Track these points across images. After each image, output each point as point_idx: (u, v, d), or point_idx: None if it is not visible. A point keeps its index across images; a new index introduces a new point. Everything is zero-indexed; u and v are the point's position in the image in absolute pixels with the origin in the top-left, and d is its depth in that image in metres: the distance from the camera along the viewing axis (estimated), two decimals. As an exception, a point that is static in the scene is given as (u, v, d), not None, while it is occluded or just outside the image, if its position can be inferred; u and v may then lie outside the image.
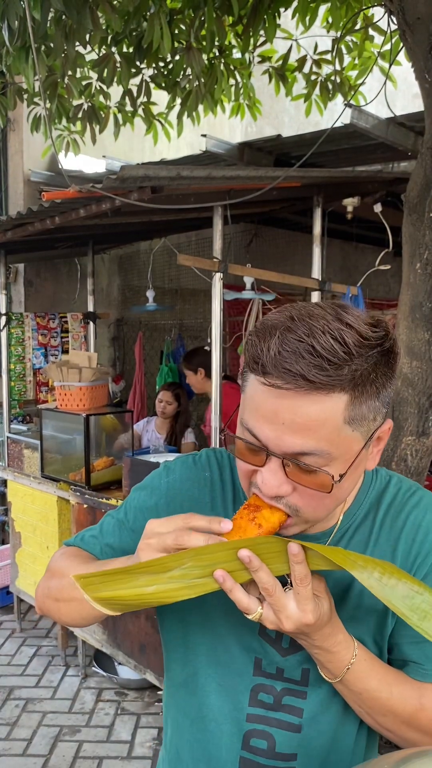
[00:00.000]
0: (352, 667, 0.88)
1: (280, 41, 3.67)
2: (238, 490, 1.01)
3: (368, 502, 0.97)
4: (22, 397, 5.07)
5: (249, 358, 0.80)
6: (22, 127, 5.38)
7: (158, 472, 1.08)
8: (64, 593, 1.00)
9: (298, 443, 0.78)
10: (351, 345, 0.75)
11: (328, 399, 0.76)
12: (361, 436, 0.81)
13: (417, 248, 2.51)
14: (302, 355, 0.74)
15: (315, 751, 0.97)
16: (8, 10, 2.74)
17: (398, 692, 0.90)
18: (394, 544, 0.94)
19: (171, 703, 1.09)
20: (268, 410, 0.78)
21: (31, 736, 3.21)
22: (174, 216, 3.52)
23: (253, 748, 0.97)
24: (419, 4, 1.95)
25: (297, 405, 0.76)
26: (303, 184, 3.10)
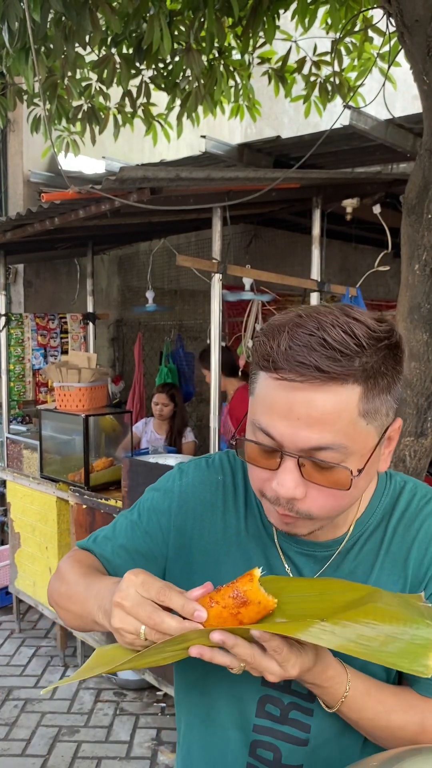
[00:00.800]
0: (346, 699, 0.87)
1: (279, 43, 3.67)
2: (250, 494, 1.00)
3: (382, 509, 0.95)
4: (22, 397, 5.08)
5: (259, 357, 0.80)
6: (21, 128, 5.38)
7: (172, 474, 1.07)
8: (62, 602, 1.01)
9: (314, 438, 0.76)
10: (361, 337, 0.75)
11: (342, 390, 0.75)
12: (375, 431, 0.80)
13: (415, 249, 2.51)
14: (314, 347, 0.74)
15: (321, 761, 0.97)
16: (8, 11, 2.75)
17: (397, 718, 0.89)
18: (407, 553, 0.92)
19: (183, 702, 1.09)
20: (282, 406, 0.77)
21: (30, 737, 3.21)
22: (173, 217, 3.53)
23: (259, 757, 0.97)
24: (418, 7, 1.96)
25: (312, 398, 0.75)
26: (302, 186, 3.10)
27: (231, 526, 0.99)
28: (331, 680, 0.85)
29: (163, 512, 1.02)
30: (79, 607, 0.94)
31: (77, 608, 0.95)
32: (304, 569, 0.94)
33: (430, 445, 2.76)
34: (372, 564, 0.93)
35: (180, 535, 1.01)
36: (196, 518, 1.01)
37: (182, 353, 5.73)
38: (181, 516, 1.01)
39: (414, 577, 0.91)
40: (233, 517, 0.99)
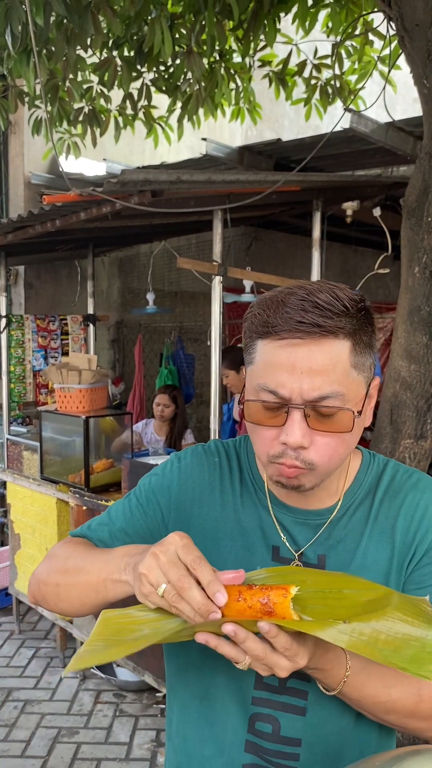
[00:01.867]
0: (348, 678, 0.89)
1: (280, 46, 3.69)
2: (245, 474, 1.07)
3: (368, 482, 1.02)
4: (22, 399, 5.09)
5: (257, 327, 0.89)
6: (23, 130, 5.39)
7: (170, 460, 1.13)
8: (55, 578, 1.01)
9: (317, 387, 0.85)
10: (344, 300, 0.86)
11: (336, 344, 0.86)
12: (364, 382, 0.91)
13: (415, 252, 2.52)
14: (308, 309, 0.85)
15: (320, 738, 0.99)
16: (10, 13, 2.76)
17: (396, 692, 0.92)
18: (393, 521, 0.99)
19: (178, 686, 1.09)
20: (286, 363, 0.86)
21: (30, 738, 3.21)
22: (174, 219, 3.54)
23: (258, 731, 0.99)
24: (418, 11, 1.97)
25: (312, 352, 0.85)
26: (302, 188, 3.11)
27: (228, 502, 1.05)
28: (332, 662, 0.88)
29: (163, 493, 1.07)
30: (84, 577, 0.95)
31: (81, 578, 0.96)
32: (298, 536, 1.00)
33: (430, 448, 2.77)
34: (361, 532, 0.99)
35: (179, 514, 1.05)
36: (194, 497, 1.06)
37: (182, 355, 5.74)
38: (181, 495, 1.06)
39: (401, 542, 0.98)
40: (230, 495, 1.05)
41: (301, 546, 1.00)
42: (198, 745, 1.05)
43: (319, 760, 0.99)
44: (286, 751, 0.98)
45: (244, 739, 1.00)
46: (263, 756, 0.99)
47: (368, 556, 0.98)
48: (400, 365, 2.67)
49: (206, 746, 1.04)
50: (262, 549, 1.01)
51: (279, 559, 1.00)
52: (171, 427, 4.54)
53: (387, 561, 0.98)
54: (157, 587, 0.81)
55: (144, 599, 0.84)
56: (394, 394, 2.72)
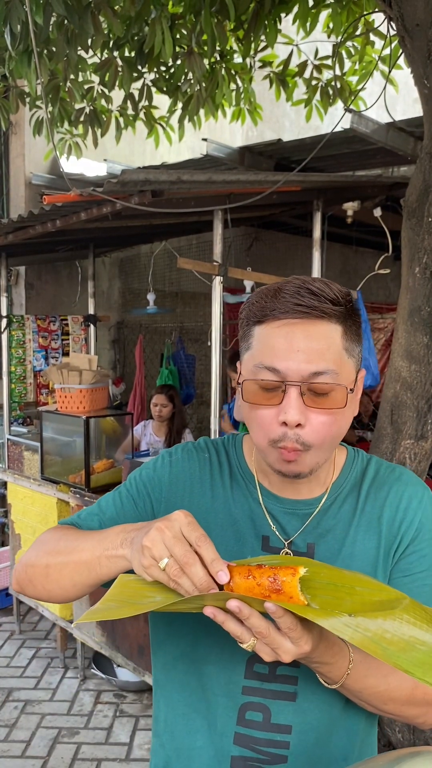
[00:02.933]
0: (351, 670, 0.90)
1: (280, 46, 3.69)
2: (234, 468, 1.10)
3: (353, 476, 1.07)
4: (23, 399, 5.08)
5: (255, 314, 0.95)
6: (23, 131, 5.40)
7: (161, 455, 1.15)
8: (45, 560, 1.01)
9: (313, 364, 0.90)
10: (335, 290, 0.93)
11: (329, 326, 0.92)
12: (354, 366, 0.96)
13: (416, 252, 2.52)
14: (303, 294, 0.91)
15: (310, 724, 1.00)
16: (11, 14, 2.76)
17: (394, 680, 0.94)
18: (380, 512, 1.03)
19: (166, 680, 1.10)
20: (284, 343, 0.91)
21: (30, 738, 3.21)
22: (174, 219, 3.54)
23: (248, 721, 1.00)
24: (418, 11, 1.97)
25: (308, 331, 0.91)
26: (303, 189, 3.11)
27: (219, 495, 1.07)
28: (336, 655, 0.89)
29: (154, 486, 1.09)
30: (77, 555, 0.96)
31: (73, 557, 0.96)
32: (287, 526, 1.03)
33: (430, 448, 2.77)
34: (349, 522, 1.03)
35: (170, 506, 1.06)
36: (185, 491, 1.08)
37: (183, 355, 5.74)
38: (172, 489, 1.08)
39: (388, 532, 1.02)
40: (220, 488, 1.08)
41: (290, 535, 1.02)
42: (187, 739, 1.05)
43: (309, 747, 1.00)
44: (276, 739, 0.99)
45: (234, 732, 1.01)
46: (253, 747, 1.00)
47: (356, 545, 1.01)
48: (401, 365, 2.67)
49: (195, 740, 1.04)
50: (252, 539, 1.03)
51: (269, 549, 1.02)
52: (169, 427, 4.54)
53: (375, 550, 1.01)
54: (159, 561, 0.82)
55: (142, 571, 0.84)
56: (395, 395, 2.72)
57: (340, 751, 1.03)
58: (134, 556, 0.86)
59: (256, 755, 1.00)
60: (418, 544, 1.01)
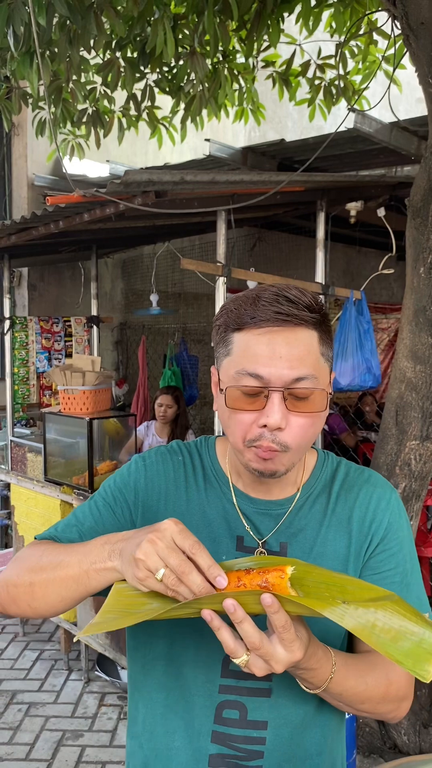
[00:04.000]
0: (334, 674, 0.92)
1: (283, 46, 3.68)
2: (207, 470, 1.12)
3: (324, 478, 1.10)
4: (26, 400, 5.08)
5: (233, 320, 0.96)
6: (26, 132, 5.40)
7: (133, 460, 1.16)
8: (28, 577, 1.00)
9: (295, 370, 0.93)
10: (309, 297, 0.96)
11: (307, 332, 0.95)
12: (328, 369, 1.00)
13: (421, 252, 2.51)
14: (281, 302, 0.93)
15: (285, 719, 1.02)
16: (13, 15, 2.76)
17: (371, 680, 0.97)
18: (350, 512, 1.06)
19: (143, 681, 1.10)
20: (266, 350, 0.93)
21: (34, 741, 3.20)
22: (177, 220, 3.53)
23: (225, 719, 1.02)
24: (423, 9, 1.96)
25: (288, 338, 0.93)
26: (307, 189, 3.10)
27: (193, 497, 1.09)
28: (320, 660, 0.90)
29: (130, 490, 1.10)
30: (62, 571, 0.95)
31: (59, 572, 0.96)
32: (260, 526, 1.06)
33: (436, 449, 2.75)
34: (320, 522, 1.06)
35: (147, 510, 1.08)
36: (161, 494, 1.09)
37: (186, 356, 5.73)
38: (148, 492, 1.09)
39: (358, 532, 1.05)
40: (194, 490, 1.09)
41: (264, 535, 1.05)
42: (165, 739, 1.06)
43: (285, 742, 1.02)
44: (252, 736, 1.01)
45: (211, 730, 1.02)
46: (230, 744, 1.02)
47: (327, 544, 1.04)
48: (406, 366, 2.66)
49: (173, 739, 1.05)
50: (227, 539, 1.05)
51: (243, 549, 1.05)
52: (172, 428, 4.53)
53: (345, 549, 1.04)
54: (156, 572, 0.82)
55: (138, 583, 0.84)
56: (400, 395, 2.71)
57: (315, 747, 1.05)
58: (127, 568, 0.86)
59: (234, 752, 1.02)
60: (386, 544, 1.05)
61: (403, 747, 2.98)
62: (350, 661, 0.96)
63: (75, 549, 0.97)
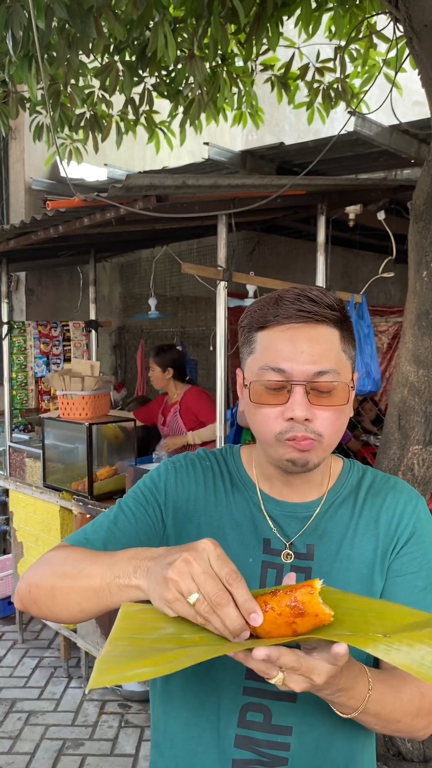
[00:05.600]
0: (371, 693, 0.88)
1: (282, 49, 3.67)
2: (234, 475, 1.13)
3: (350, 484, 1.12)
4: (24, 406, 5.05)
5: (257, 320, 1.00)
6: (23, 136, 5.38)
7: (163, 464, 1.17)
8: (67, 580, 0.95)
9: (318, 364, 0.96)
10: (330, 297, 0.99)
11: (328, 330, 0.98)
12: (350, 368, 1.03)
13: (423, 256, 2.50)
14: (303, 301, 0.97)
15: (310, 726, 1.00)
16: (12, 18, 2.74)
17: (406, 695, 0.94)
18: (377, 516, 1.08)
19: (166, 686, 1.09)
20: (288, 346, 0.96)
21: (34, 750, 3.17)
22: (177, 224, 3.51)
23: (249, 723, 1.01)
24: (426, 12, 1.95)
25: (311, 334, 0.97)
26: (307, 192, 3.09)
27: (221, 500, 1.10)
28: (357, 677, 0.87)
29: (161, 491, 1.11)
30: (84, 581, 0.91)
31: (80, 582, 0.91)
32: (287, 529, 1.07)
33: (439, 453, 2.73)
34: (347, 525, 1.07)
35: (177, 512, 1.09)
36: (190, 496, 1.11)
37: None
38: (177, 493, 1.11)
39: (385, 535, 1.06)
40: (222, 493, 1.11)
41: (290, 537, 1.06)
42: (187, 745, 1.05)
43: (310, 750, 1.00)
44: (277, 741, 0.99)
45: (235, 734, 1.01)
46: (254, 748, 1.00)
47: (354, 547, 1.05)
48: (408, 370, 2.64)
49: (197, 745, 1.04)
50: (254, 542, 1.06)
51: (270, 551, 1.05)
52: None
53: (372, 552, 1.05)
54: (188, 596, 0.77)
55: (165, 606, 0.80)
56: (402, 400, 2.69)
57: (342, 758, 1.03)
58: (154, 588, 0.81)
59: (257, 757, 1.00)
60: (410, 547, 1.06)
61: (407, 754, 2.95)
62: (382, 676, 0.94)
63: (100, 559, 0.92)
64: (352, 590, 1.01)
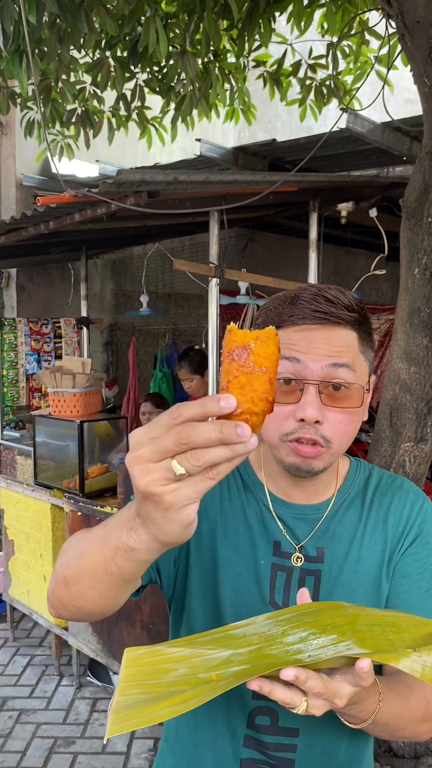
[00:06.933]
0: (381, 703, 0.87)
1: (274, 45, 3.66)
2: (244, 477, 1.11)
3: (357, 484, 1.11)
4: (15, 403, 5.03)
5: (273, 318, 0.98)
6: (14, 132, 5.34)
7: None
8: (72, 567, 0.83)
9: (332, 358, 0.93)
10: (349, 298, 0.97)
11: (346, 331, 0.96)
12: (367, 370, 1.01)
13: (415, 253, 2.50)
14: (320, 302, 0.95)
15: (317, 727, 1.00)
16: (2, 13, 2.72)
17: (414, 701, 0.93)
18: (384, 517, 1.07)
19: None
20: (303, 344, 0.94)
21: (26, 748, 3.16)
22: (168, 221, 3.50)
23: (257, 726, 1.01)
24: (419, 8, 1.94)
25: (326, 335, 0.95)
26: (299, 189, 3.08)
27: (235, 498, 1.09)
28: (368, 691, 0.85)
29: None
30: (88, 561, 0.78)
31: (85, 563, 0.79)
32: (297, 531, 1.06)
33: (430, 451, 2.74)
34: (356, 526, 1.06)
35: (204, 512, 1.06)
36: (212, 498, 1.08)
37: (177, 357, 5.70)
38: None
39: (392, 535, 1.06)
40: (235, 491, 1.10)
41: (300, 540, 1.05)
42: (196, 744, 1.06)
43: (316, 752, 1.01)
44: (284, 743, 1.00)
45: (244, 734, 1.02)
46: (262, 750, 1.01)
47: (363, 548, 1.05)
48: (400, 367, 2.64)
49: (206, 743, 1.05)
50: (265, 544, 1.05)
51: (280, 554, 1.04)
52: None
53: (380, 553, 1.05)
54: (172, 474, 0.61)
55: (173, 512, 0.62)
56: (394, 397, 2.69)
57: (347, 758, 1.04)
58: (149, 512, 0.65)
59: (265, 758, 1.01)
60: (415, 547, 1.06)
61: (398, 751, 2.96)
62: (391, 686, 0.92)
63: (96, 533, 0.80)
64: (362, 591, 1.03)
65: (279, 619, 0.79)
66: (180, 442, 0.60)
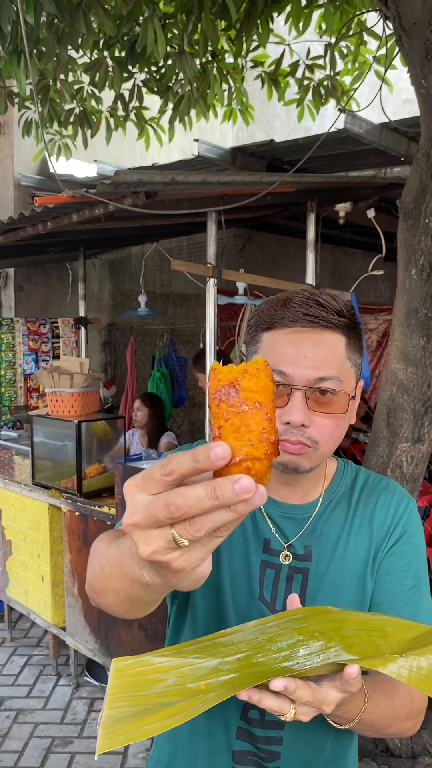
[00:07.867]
0: (367, 703, 0.89)
1: (272, 46, 3.66)
2: None
3: (344, 485, 1.14)
4: (13, 403, 5.03)
5: (264, 320, 1.00)
6: (12, 131, 5.34)
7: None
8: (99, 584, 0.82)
9: (319, 370, 0.96)
10: (340, 303, 0.99)
11: (334, 336, 0.98)
12: (354, 376, 1.03)
13: (412, 254, 2.50)
14: (311, 305, 0.97)
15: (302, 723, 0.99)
16: (0, 13, 2.72)
17: (399, 700, 0.96)
18: (371, 516, 1.10)
19: None
20: (292, 349, 0.96)
21: (23, 748, 3.16)
22: (166, 221, 3.50)
23: (249, 719, 1.05)
24: (416, 9, 1.94)
25: (314, 339, 0.97)
26: (297, 189, 3.08)
27: None
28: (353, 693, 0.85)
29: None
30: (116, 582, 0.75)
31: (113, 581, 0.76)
32: (286, 530, 1.08)
33: (427, 451, 2.75)
34: (342, 526, 1.09)
35: None
36: None
37: (175, 357, 5.70)
38: None
39: (378, 534, 1.08)
40: None
41: (289, 538, 1.08)
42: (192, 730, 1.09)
43: (301, 744, 1.04)
44: (271, 736, 1.04)
45: (237, 726, 1.05)
46: (253, 743, 1.05)
47: (349, 547, 1.07)
48: (397, 368, 2.65)
49: (201, 731, 1.08)
50: (255, 541, 1.08)
51: (270, 551, 1.07)
52: (148, 432, 4.47)
53: (366, 551, 1.07)
54: (174, 543, 0.55)
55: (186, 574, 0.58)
56: (391, 397, 2.70)
57: (332, 753, 1.07)
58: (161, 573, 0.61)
59: (256, 751, 1.05)
60: (400, 546, 1.08)
61: (395, 750, 2.97)
62: (376, 684, 0.94)
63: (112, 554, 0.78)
64: (347, 589, 1.06)
65: (267, 626, 0.79)
66: (170, 515, 0.53)
